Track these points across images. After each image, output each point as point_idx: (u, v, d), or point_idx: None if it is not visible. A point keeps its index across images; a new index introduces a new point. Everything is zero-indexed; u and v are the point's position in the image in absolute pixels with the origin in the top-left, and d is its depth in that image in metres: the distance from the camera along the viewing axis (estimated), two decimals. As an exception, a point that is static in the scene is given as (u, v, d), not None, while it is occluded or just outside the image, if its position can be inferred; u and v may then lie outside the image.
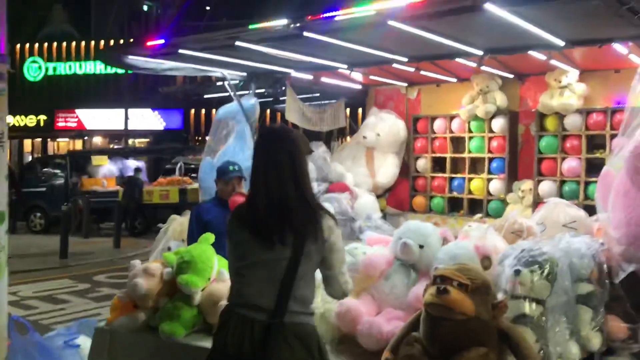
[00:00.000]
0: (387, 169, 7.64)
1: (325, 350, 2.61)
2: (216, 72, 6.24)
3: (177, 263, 3.70)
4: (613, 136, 5.62)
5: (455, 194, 7.49)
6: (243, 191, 4.28)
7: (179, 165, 16.60)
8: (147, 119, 27.58)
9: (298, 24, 3.90)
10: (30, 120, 28.56)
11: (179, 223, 5.31)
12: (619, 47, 5.04)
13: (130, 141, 26.70)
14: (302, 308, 2.48)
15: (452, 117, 7.45)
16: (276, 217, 2.46)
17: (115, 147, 26.19)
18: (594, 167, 6.25)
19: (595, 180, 4.51)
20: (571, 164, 6.43)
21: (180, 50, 4.95)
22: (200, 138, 27.86)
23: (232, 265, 2.64)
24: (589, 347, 3.32)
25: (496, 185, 7.06)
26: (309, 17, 3.74)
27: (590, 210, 4.48)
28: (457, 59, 5.71)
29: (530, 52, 5.26)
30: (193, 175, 16.37)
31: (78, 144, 29.19)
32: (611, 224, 3.81)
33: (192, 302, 3.62)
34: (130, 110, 23.57)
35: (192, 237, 4.25)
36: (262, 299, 2.41)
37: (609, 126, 6.18)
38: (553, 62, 5.90)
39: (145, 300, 3.75)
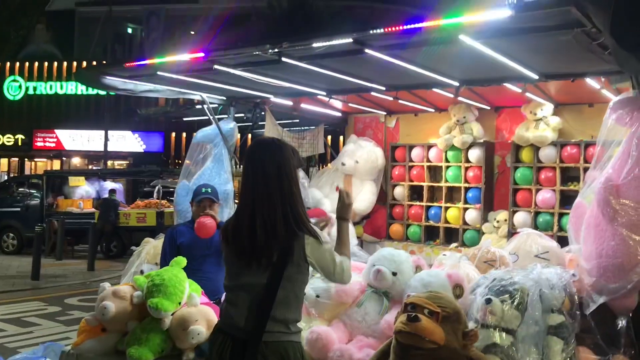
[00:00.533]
0: (365, 196, 7.66)
1: None
2: (195, 95, 6.25)
3: (147, 286, 3.65)
4: (586, 169, 5.71)
5: (431, 222, 7.52)
6: (213, 213, 4.24)
7: (157, 188, 16.46)
8: (127, 141, 27.45)
9: (277, 50, 3.93)
10: (7, 139, 28.22)
11: (153, 246, 5.26)
12: (592, 82, 5.15)
13: (109, 163, 26.46)
14: (284, 329, 2.46)
15: (429, 146, 7.52)
16: (259, 239, 2.43)
17: (93, 168, 25.93)
18: (567, 199, 6.34)
19: (569, 212, 4.56)
20: (545, 196, 6.51)
21: (159, 72, 4.95)
22: (180, 161, 27.74)
23: (224, 281, 2.63)
24: (559, 378, 3.32)
25: (472, 214, 7.11)
26: (286, 43, 3.77)
27: (564, 241, 4.52)
28: (434, 89, 5.79)
29: (506, 84, 5.35)
30: (171, 198, 16.21)
31: (56, 164, 28.86)
32: (582, 256, 3.86)
33: (161, 327, 3.56)
34: (110, 132, 23.40)
35: (165, 259, 4.20)
36: (243, 321, 2.42)
37: (582, 159, 6.28)
38: (528, 94, 6.01)
39: (113, 324, 3.69)
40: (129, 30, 28.56)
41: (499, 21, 3.30)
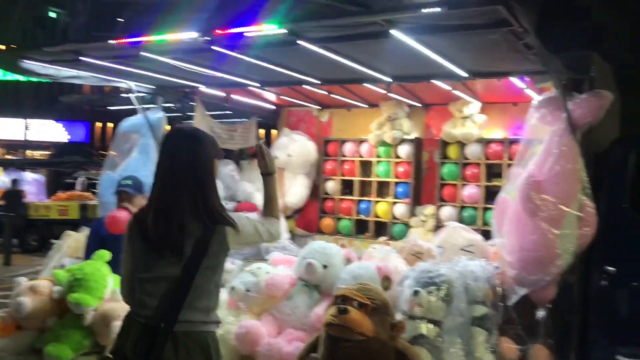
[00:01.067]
0: (297, 190, 7.65)
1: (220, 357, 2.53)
2: (122, 83, 6.01)
3: (68, 281, 3.51)
4: (510, 165, 5.92)
5: (362, 216, 7.59)
6: (129, 206, 4.11)
7: (80, 179, 15.82)
8: (49, 130, 26.23)
9: (207, 38, 3.82)
10: None
11: (75, 239, 5.06)
12: (517, 81, 5.33)
13: (30, 153, 25.20)
14: (205, 317, 2.42)
15: (361, 142, 7.59)
16: (169, 232, 2.36)
17: (10, 158, 24.63)
18: (492, 195, 6.52)
19: (492, 207, 4.71)
20: (471, 191, 6.71)
21: (82, 58, 4.72)
22: (106, 152, 26.81)
23: (132, 273, 2.51)
24: (482, 367, 3.43)
25: (401, 209, 7.23)
26: (218, 30, 3.67)
27: (488, 235, 4.67)
28: (366, 85, 5.83)
29: (435, 82, 5.46)
30: (95, 190, 15.66)
31: (-30, 154, 27.23)
32: (505, 249, 4.00)
33: (82, 323, 3.43)
34: (30, 120, 22.29)
35: (89, 253, 4.03)
36: (159, 310, 2.34)
37: (506, 156, 6.50)
38: (456, 92, 6.16)
39: (30, 321, 3.52)
40: (51, 14, 27.29)
41: (431, 17, 3.34)
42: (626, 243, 4.03)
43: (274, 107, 8.20)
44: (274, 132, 9.23)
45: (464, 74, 4.90)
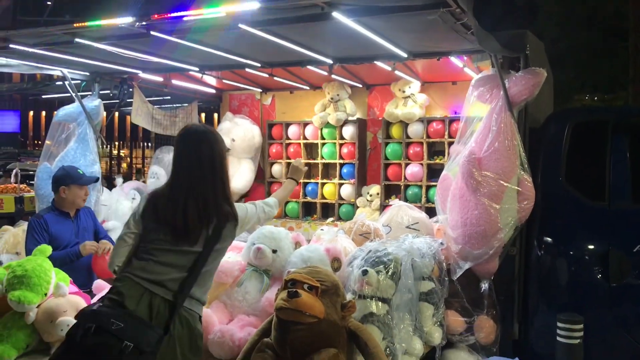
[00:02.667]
0: (243, 175, 7.59)
1: (201, 345, 2.74)
2: (55, 70, 5.78)
3: (8, 278, 3.38)
4: (451, 143, 6.05)
5: (309, 198, 7.63)
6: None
7: (14, 171, 15.17)
8: (-22, 121, 25.05)
9: (144, 22, 3.71)
10: None
11: (12, 234, 4.88)
12: (455, 61, 5.43)
13: (-44, 145, 23.98)
14: (201, 296, 2.68)
15: (305, 124, 7.59)
16: (195, 215, 2.61)
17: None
18: (434, 172, 6.69)
19: (435, 184, 4.81)
20: (414, 169, 6.83)
21: (12, 45, 4.50)
22: (40, 142, 25.79)
23: (134, 242, 2.71)
24: (431, 341, 3.54)
25: (347, 189, 7.30)
26: (156, 15, 3.57)
27: (432, 212, 4.78)
28: (309, 67, 5.82)
29: (376, 63, 5.50)
30: (31, 182, 15.07)
31: None
32: (449, 225, 4.10)
33: (26, 321, 3.32)
34: (-44, 111, 21.23)
35: (32, 249, 3.89)
36: (169, 280, 2.56)
37: (447, 134, 6.64)
38: (397, 73, 6.23)
39: (-33, 322, 3.37)
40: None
41: (371, -1, 3.36)
42: (562, 214, 4.21)
43: (214, 91, 8.08)
44: (215, 116, 9.10)
45: (404, 54, 4.96)
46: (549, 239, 4.15)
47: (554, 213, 4.17)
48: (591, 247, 4.02)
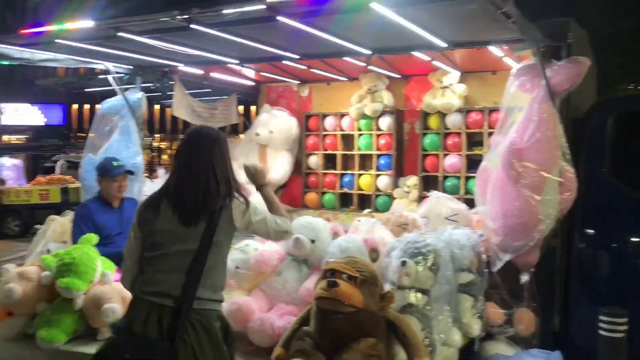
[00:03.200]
0: (280, 166, 7.65)
1: (233, 337, 2.71)
2: (99, 64, 5.93)
3: (57, 266, 3.51)
4: (490, 134, 5.98)
5: (345, 190, 7.64)
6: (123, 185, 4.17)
7: (59, 163, 15.63)
8: (25, 114, 25.75)
9: (185, 16, 3.78)
10: None
11: (59, 224, 5.03)
12: (495, 50, 5.36)
13: (5, 137, 24.77)
14: (211, 295, 2.56)
15: (342, 115, 7.59)
16: (189, 205, 2.56)
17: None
18: (473, 163, 6.62)
19: (475, 175, 4.77)
20: (452, 160, 6.77)
21: (58, 40, 4.64)
22: (83, 134, 26.43)
23: (138, 254, 2.65)
24: (470, 333, 3.53)
25: (384, 181, 7.29)
26: (196, 9, 3.63)
27: (470, 203, 4.75)
28: (346, 58, 5.81)
29: (414, 53, 5.46)
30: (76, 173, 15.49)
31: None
32: (489, 216, 4.07)
33: (73, 307, 3.44)
34: (5, 105, 21.88)
35: (78, 238, 4.02)
36: (172, 287, 2.48)
37: (486, 125, 6.56)
38: (435, 63, 6.17)
39: (20, 307, 3.53)
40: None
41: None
42: (605, 206, 4.13)
43: (253, 84, 8.15)
44: (253, 108, 9.18)
45: (443, 44, 4.91)
46: (592, 231, 4.08)
47: (596, 205, 4.10)
48: (634, 239, 3.93)
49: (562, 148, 3.83)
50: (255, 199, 2.89)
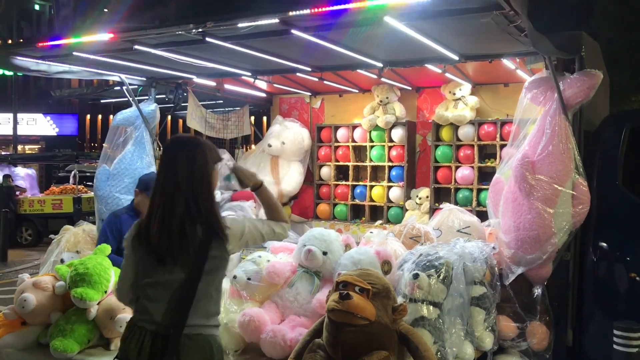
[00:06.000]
0: (292, 177, 7.68)
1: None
2: (113, 76, 6.00)
3: (71, 276, 3.55)
4: (502, 146, 5.97)
5: (357, 201, 7.65)
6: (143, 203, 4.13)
7: (73, 173, 15.76)
8: (39, 125, 26.06)
9: (200, 29, 3.83)
10: None
11: (73, 234, 5.07)
12: (508, 63, 5.36)
13: (20, 147, 25.05)
14: (205, 321, 2.48)
15: (354, 127, 7.62)
16: (169, 238, 2.42)
17: (2, 153, 24.47)
18: (485, 175, 6.61)
19: (487, 187, 4.76)
20: (464, 172, 6.76)
21: (75, 53, 4.71)
22: (96, 144, 26.67)
23: (135, 279, 2.57)
24: (482, 346, 3.50)
25: (396, 192, 7.29)
26: (211, 23, 3.68)
27: (483, 216, 4.73)
28: (358, 70, 5.85)
29: (427, 65, 5.48)
30: (88, 183, 15.63)
31: (-40, 150, 26.98)
32: (501, 229, 4.05)
33: (87, 317, 3.47)
34: (19, 115, 22.14)
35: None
36: (162, 316, 2.41)
37: (498, 137, 6.55)
38: (448, 75, 6.19)
39: (34, 316, 3.56)
40: (36, 7, 26.99)
41: (423, 3, 3.36)
42: (619, 219, 4.10)
43: (265, 95, 8.21)
44: (265, 119, 9.23)
45: (455, 57, 4.93)
46: (605, 244, 4.05)
47: (610, 218, 4.07)
48: (649, 253, 3.90)
49: (575, 161, 3.82)
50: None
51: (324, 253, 3.64)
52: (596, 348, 4.01)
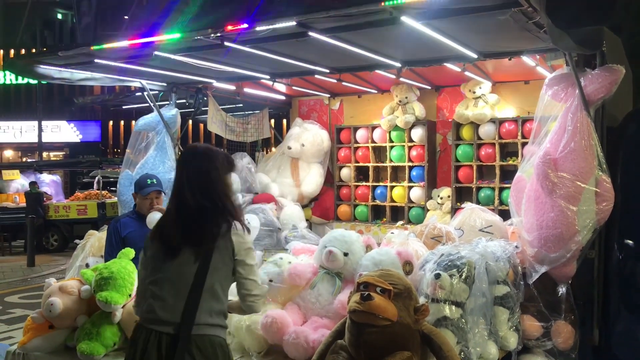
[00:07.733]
0: (312, 179, 7.69)
1: None
2: (135, 82, 6.08)
3: (96, 280, 3.58)
4: (524, 144, 5.91)
5: (378, 202, 7.63)
6: (162, 206, 4.18)
7: (96, 178, 16.00)
8: (63, 131, 26.45)
9: (219, 34, 3.86)
10: None
11: (97, 238, 5.14)
12: (527, 60, 5.31)
13: (44, 154, 25.48)
14: (212, 320, 2.51)
15: (373, 127, 7.61)
16: (183, 231, 2.51)
17: (28, 160, 24.90)
18: (507, 174, 6.55)
19: (509, 186, 4.72)
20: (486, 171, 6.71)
21: (97, 60, 4.78)
22: (119, 150, 27.00)
23: (143, 281, 2.64)
24: (507, 346, 3.47)
25: (416, 192, 7.26)
26: (229, 27, 3.71)
27: (504, 214, 4.69)
28: (377, 71, 5.84)
29: (446, 64, 5.46)
30: (112, 188, 15.85)
31: (-13, 158, 27.55)
32: (524, 228, 4.01)
33: (112, 320, 3.51)
34: (44, 122, 22.52)
35: (111, 252, 4.12)
36: (170, 313, 2.46)
37: (520, 135, 6.49)
38: (467, 73, 6.15)
39: (61, 320, 3.61)
40: (59, 16, 27.42)
41: (440, 2, 3.35)
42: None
43: (284, 98, 8.24)
44: (284, 122, 9.27)
45: (474, 55, 4.90)
46: (631, 242, 3.99)
47: (635, 214, 4.00)
48: (676, 250, 3.83)
49: (598, 157, 3.77)
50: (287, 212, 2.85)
51: (345, 254, 3.63)
52: (624, 347, 3.95)
